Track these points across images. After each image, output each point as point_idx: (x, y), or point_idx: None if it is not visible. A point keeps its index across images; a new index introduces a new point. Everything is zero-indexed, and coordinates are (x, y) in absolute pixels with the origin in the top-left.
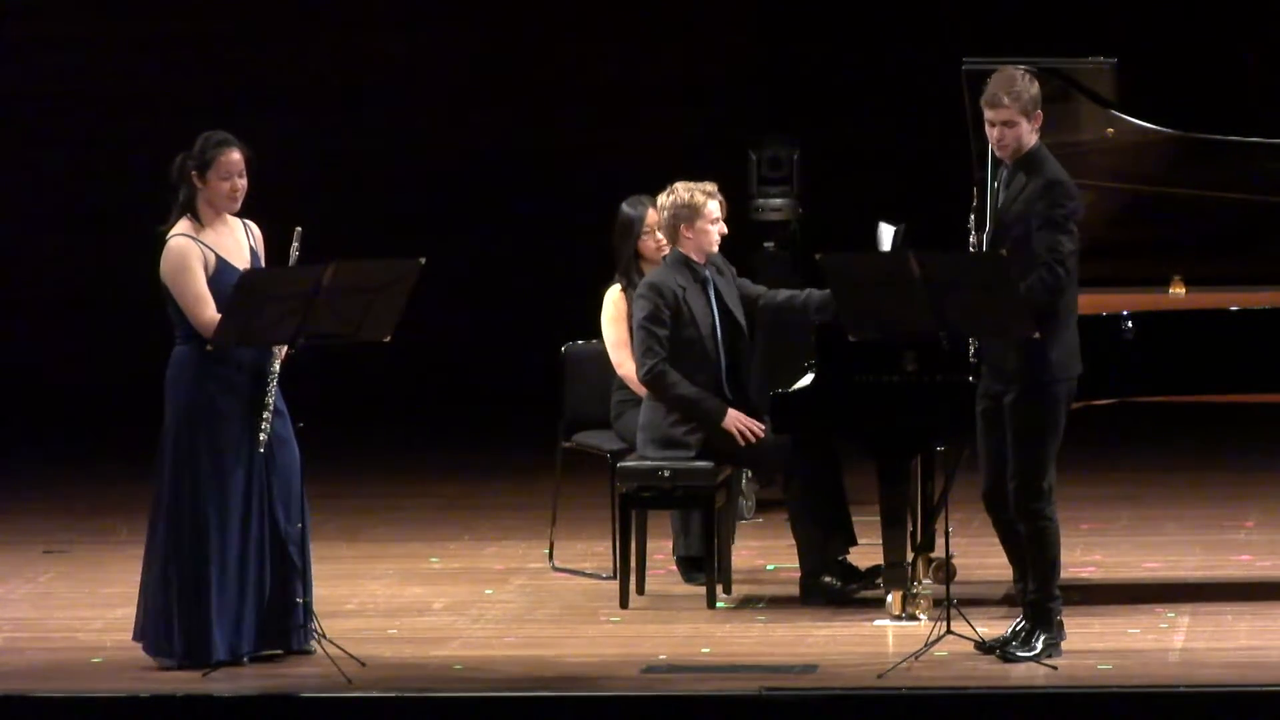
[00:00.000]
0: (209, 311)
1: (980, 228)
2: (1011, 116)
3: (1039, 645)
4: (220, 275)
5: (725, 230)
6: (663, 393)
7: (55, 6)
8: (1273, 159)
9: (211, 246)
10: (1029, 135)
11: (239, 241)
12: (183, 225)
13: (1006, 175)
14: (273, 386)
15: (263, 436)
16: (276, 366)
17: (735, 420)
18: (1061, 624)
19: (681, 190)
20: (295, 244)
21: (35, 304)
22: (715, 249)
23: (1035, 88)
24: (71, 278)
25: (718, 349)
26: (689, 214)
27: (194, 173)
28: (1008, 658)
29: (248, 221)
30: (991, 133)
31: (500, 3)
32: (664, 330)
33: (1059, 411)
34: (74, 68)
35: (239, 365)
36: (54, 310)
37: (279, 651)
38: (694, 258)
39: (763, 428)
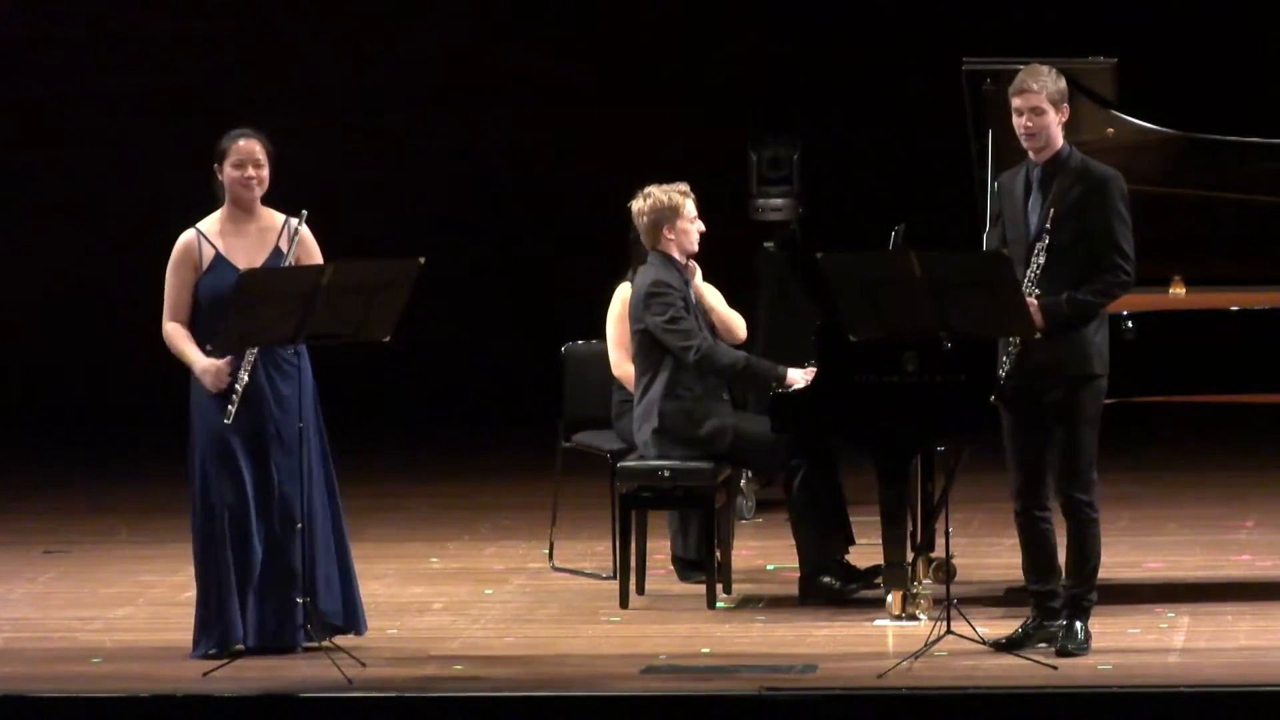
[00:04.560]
0: (171, 319)
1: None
2: (1039, 103)
3: (1081, 636)
4: (214, 272)
5: (703, 227)
6: (717, 363)
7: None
8: (1273, 159)
9: (217, 243)
10: (1057, 129)
11: (260, 240)
12: (205, 220)
13: (1039, 175)
14: (243, 372)
15: (228, 417)
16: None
17: (797, 373)
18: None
19: (658, 193)
20: (299, 224)
21: (36, 303)
22: (695, 247)
23: (1062, 82)
24: (73, 277)
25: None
26: (671, 214)
27: (215, 165)
28: (1064, 653)
29: (292, 220)
30: (1019, 122)
31: (501, 2)
32: (690, 315)
33: (1101, 405)
34: (74, 68)
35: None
36: (55, 310)
37: (277, 649)
38: (676, 257)
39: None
